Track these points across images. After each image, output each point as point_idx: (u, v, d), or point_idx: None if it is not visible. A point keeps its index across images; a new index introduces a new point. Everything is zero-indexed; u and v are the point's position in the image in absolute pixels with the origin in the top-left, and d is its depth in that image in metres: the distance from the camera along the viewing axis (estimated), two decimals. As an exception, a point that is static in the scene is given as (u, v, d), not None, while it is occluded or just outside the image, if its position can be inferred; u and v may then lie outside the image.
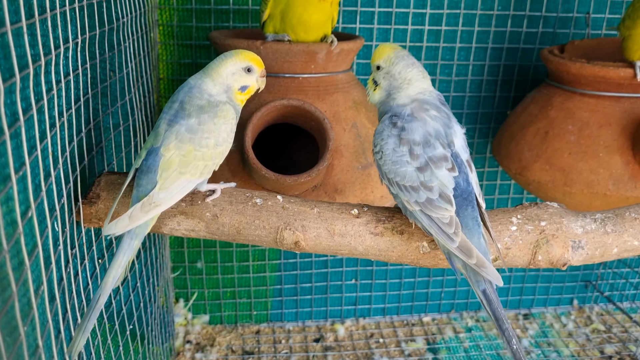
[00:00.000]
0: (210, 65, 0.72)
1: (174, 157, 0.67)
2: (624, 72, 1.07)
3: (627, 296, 1.67)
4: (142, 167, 0.68)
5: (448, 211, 0.65)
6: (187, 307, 1.51)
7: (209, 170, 0.70)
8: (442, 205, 0.65)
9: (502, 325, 0.64)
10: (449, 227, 0.64)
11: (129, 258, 0.67)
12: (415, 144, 0.67)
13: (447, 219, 0.64)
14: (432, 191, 0.65)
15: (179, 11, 1.26)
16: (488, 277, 0.64)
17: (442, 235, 0.65)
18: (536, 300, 1.66)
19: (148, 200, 0.65)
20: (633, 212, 0.75)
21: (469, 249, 0.64)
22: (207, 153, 0.68)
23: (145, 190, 0.67)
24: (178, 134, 0.67)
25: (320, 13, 1.00)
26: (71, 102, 0.66)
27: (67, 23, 0.63)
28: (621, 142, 1.07)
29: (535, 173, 1.14)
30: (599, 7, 1.39)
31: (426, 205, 0.65)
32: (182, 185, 0.67)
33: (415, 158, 0.67)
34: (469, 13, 1.34)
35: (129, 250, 0.66)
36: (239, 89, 0.72)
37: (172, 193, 0.67)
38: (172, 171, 0.66)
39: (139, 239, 0.67)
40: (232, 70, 0.72)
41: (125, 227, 0.65)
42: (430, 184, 0.66)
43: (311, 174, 0.89)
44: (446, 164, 0.67)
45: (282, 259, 1.49)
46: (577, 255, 0.72)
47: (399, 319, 1.59)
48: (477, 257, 0.64)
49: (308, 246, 0.72)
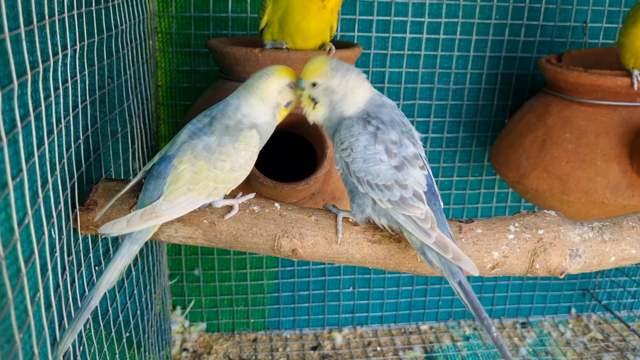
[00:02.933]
0: (254, 84, 0.71)
1: (186, 172, 0.66)
2: (621, 81, 1.08)
3: (625, 305, 1.67)
4: (153, 171, 0.68)
5: (420, 209, 0.65)
6: (184, 314, 1.50)
7: (217, 193, 0.68)
8: (415, 203, 0.65)
9: (481, 314, 0.64)
10: (425, 222, 0.65)
11: (126, 262, 0.66)
12: (392, 142, 0.67)
13: (422, 215, 0.65)
14: (407, 189, 0.66)
15: (178, 19, 1.26)
16: (466, 268, 0.64)
17: (419, 232, 0.65)
18: (534, 308, 1.66)
19: (150, 209, 0.65)
20: (630, 220, 0.75)
21: (445, 244, 0.64)
22: (220, 176, 0.67)
23: (151, 196, 0.66)
24: (195, 149, 0.67)
25: (319, 21, 1.01)
26: (69, 108, 0.66)
27: (66, 30, 0.64)
28: (618, 150, 1.07)
29: (533, 181, 1.14)
30: (596, 16, 1.39)
31: (399, 204, 0.65)
32: (187, 202, 0.66)
33: (393, 157, 0.66)
34: (467, 22, 1.35)
35: (127, 254, 0.66)
36: (285, 105, 0.73)
37: (176, 207, 0.66)
38: (180, 185, 0.66)
39: (139, 244, 0.67)
40: (279, 88, 0.71)
41: (121, 230, 0.64)
42: (405, 182, 0.66)
43: (309, 181, 0.89)
44: (418, 162, 0.68)
45: (279, 267, 1.48)
46: (575, 263, 0.71)
47: (396, 327, 1.59)
48: (454, 250, 0.64)
49: (305, 254, 0.72)
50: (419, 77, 1.38)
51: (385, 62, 1.35)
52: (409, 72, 1.37)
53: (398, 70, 1.36)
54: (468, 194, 1.51)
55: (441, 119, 1.43)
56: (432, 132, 1.43)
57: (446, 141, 1.45)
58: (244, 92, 0.71)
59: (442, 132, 1.44)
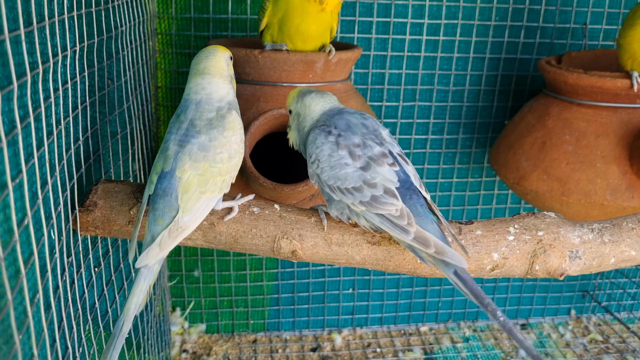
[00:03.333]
0: (207, 65, 0.73)
1: (192, 178, 0.66)
2: (621, 83, 1.08)
3: (625, 306, 1.67)
4: (157, 190, 0.66)
5: (394, 205, 0.64)
6: (184, 315, 1.50)
7: (227, 185, 0.69)
8: (388, 200, 0.64)
9: (483, 300, 0.62)
10: (401, 219, 0.63)
11: (150, 282, 0.65)
12: (355, 145, 0.68)
13: (397, 212, 0.64)
14: (377, 188, 0.65)
15: (178, 20, 1.26)
16: (451, 262, 0.63)
17: (396, 230, 0.64)
18: (534, 310, 1.66)
19: (174, 225, 0.64)
20: (630, 222, 0.75)
21: (425, 239, 0.63)
22: (223, 168, 0.68)
23: (162, 213, 0.65)
24: (191, 153, 0.66)
25: (318, 24, 1.01)
26: (69, 109, 0.66)
27: (66, 31, 0.64)
28: (618, 152, 1.07)
29: (532, 183, 1.14)
30: (596, 18, 1.39)
31: (372, 204, 0.65)
32: (204, 205, 0.67)
33: (357, 159, 0.67)
34: (467, 23, 1.35)
35: (149, 274, 0.65)
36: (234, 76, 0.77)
37: (196, 214, 0.66)
38: (192, 192, 0.65)
39: (159, 263, 0.66)
40: (226, 61, 0.75)
41: (156, 256, 0.64)
42: (373, 181, 0.65)
43: (309, 183, 0.89)
44: (387, 159, 0.67)
45: (279, 268, 1.48)
46: (575, 265, 0.71)
47: (396, 328, 1.59)
48: (435, 244, 0.63)
49: (305, 255, 0.72)
50: (419, 78, 1.38)
51: (385, 63, 1.35)
52: (409, 74, 1.37)
53: (398, 71, 1.36)
54: (468, 195, 1.51)
55: (441, 121, 1.43)
56: (431, 133, 1.43)
57: (446, 142, 1.45)
58: (202, 79, 0.72)
59: (442, 134, 1.44)
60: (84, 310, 0.71)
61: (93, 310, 0.75)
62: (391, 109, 1.40)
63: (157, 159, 0.69)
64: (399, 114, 1.40)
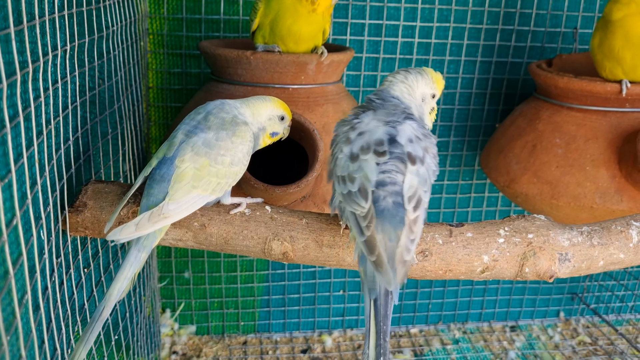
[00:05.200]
0: (251, 101, 0.75)
1: (188, 170, 0.66)
2: (611, 87, 1.09)
3: (613, 309, 1.68)
4: (155, 175, 0.67)
5: (361, 207, 0.61)
6: (174, 317, 1.50)
7: (220, 189, 0.69)
8: (358, 200, 0.62)
9: (380, 339, 0.60)
10: (363, 219, 0.61)
11: (135, 270, 0.65)
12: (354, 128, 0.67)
13: (363, 213, 0.61)
14: (354, 183, 0.63)
15: (170, 20, 1.26)
16: (381, 277, 0.59)
17: (355, 228, 0.62)
18: (523, 312, 1.67)
19: (157, 210, 0.64)
20: (619, 225, 0.75)
21: (374, 245, 0.60)
22: (222, 170, 0.68)
23: (156, 199, 0.65)
24: (194, 146, 0.67)
25: (310, 25, 1.01)
26: (59, 109, 0.66)
27: (56, 30, 0.63)
28: (607, 155, 1.08)
29: (523, 186, 1.14)
30: (587, 22, 1.41)
31: (346, 198, 0.63)
32: (193, 200, 0.66)
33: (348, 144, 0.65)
34: (459, 26, 1.36)
35: (135, 262, 0.65)
36: (271, 134, 0.77)
37: (183, 207, 0.65)
38: (184, 183, 0.65)
39: (147, 251, 0.66)
40: (269, 114, 0.76)
41: (130, 234, 0.63)
42: (354, 175, 0.63)
43: (300, 184, 0.89)
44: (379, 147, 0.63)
45: (270, 270, 1.48)
46: (564, 267, 0.72)
47: (386, 330, 1.59)
48: (379, 255, 0.59)
49: (296, 257, 0.72)
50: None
51: (377, 65, 1.36)
52: (401, 76, 1.37)
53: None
54: (458, 197, 1.52)
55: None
56: (423, 135, 1.44)
57: (437, 145, 1.45)
58: (241, 101, 0.75)
59: (433, 136, 1.44)
60: (73, 311, 0.71)
61: (82, 311, 0.75)
62: (383, 111, 1.40)
63: (162, 145, 0.70)
64: (390, 116, 1.40)
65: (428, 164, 0.66)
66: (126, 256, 0.65)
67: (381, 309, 0.60)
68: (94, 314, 0.63)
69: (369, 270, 0.61)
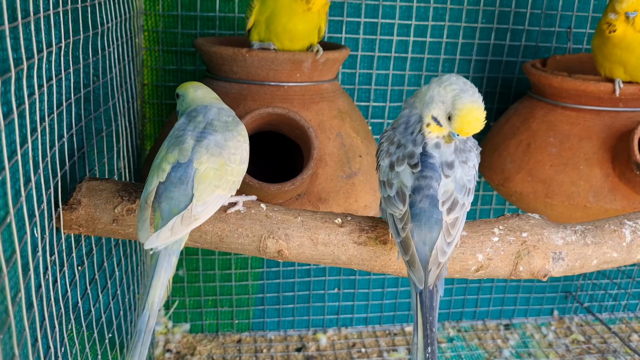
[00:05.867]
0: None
1: (209, 170, 0.67)
2: (604, 86, 1.09)
3: (606, 307, 1.69)
4: (172, 179, 0.66)
5: (399, 209, 0.66)
6: (168, 315, 1.49)
7: (234, 187, 0.70)
8: (396, 203, 0.66)
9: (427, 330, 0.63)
10: (400, 221, 0.66)
11: (169, 276, 0.66)
12: (392, 143, 0.70)
13: (400, 215, 0.66)
14: (392, 188, 0.68)
15: (165, 17, 1.25)
16: (412, 276, 0.64)
17: (393, 228, 0.66)
18: (517, 310, 1.67)
19: (187, 213, 0.65)
20: (612, 224, 0.76)
21: (408, 246, 0.64)
22: (235, 169, 0.70)
23: (179, 202, 0.66)
24: (208, 147, 0.68)
25: (306, 23, 1.01)
26: (53, 106, 0.66)
27: (51, 27, 0.63)
28: (601, 154, 1.09)
29: (517, 184, 1.15)
30: (581, 22, 1.41)
31: (386, 201, 0.68)
32: (215, 200, 0.67)
33: (388, 156, 0.70)
34: (454, 25, 1.36)
35: (168, 267, 0.66)
36: None
37: (209, 207, 0.67)
38: (207, 184, 0.66)
39: (176, 255, 0.67)
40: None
41: (167, 239, 0.64)
42: (392, 181, 0.68)
43: (295, 182, 0.89)
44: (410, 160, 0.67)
45: (264, 268, 1.48)
46: (558, 266, 0.72)
47: (381, 328, 1.59)
48: (412, 255, 0.64)
49: (291, 255, 0.72)
50: (406, 79, 1.38)
51: (372, 64, 1.36)
52: (396, 75, 1.38)
53: (385, 72, 1.37)
54: (453, 196, 1.52)
55: (427, 122, 1.43)
56: (418, 134, 1.44)
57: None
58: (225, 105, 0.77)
59: (428, 135, 1.45)
60: (67, 309, 0.71)
61: (76, 309, 0.75)
62: (378, 110, 1.40)
63: (168, 150, 0.69)
64: (385, 115, 1.41)
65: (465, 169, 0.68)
66: (158, 263, 0.65)
67: (426, 301, 0.64)
68: (139, 324, 0.63)
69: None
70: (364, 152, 1.04)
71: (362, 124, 1.11)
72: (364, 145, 1.05)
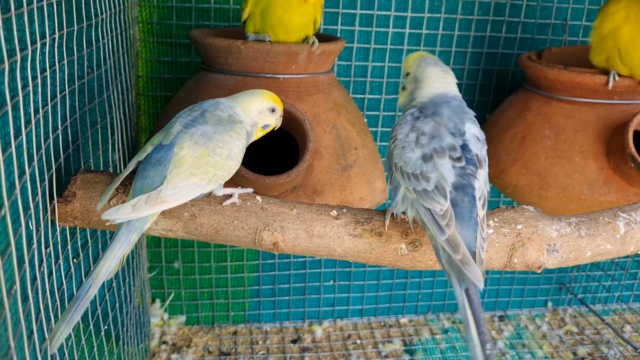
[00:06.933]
0: (241, 98, 0.76)
1: (188, 157, 0.67)
2: (599, 79, 1.09)
3: (600, 299, 1.70)
4: (151, 159, 0.67)
5: (440, 204, 0.64)
6: (164, 307, 1.49)
7: (216, 180, 0.69)
8: (436, 197, 0.65)
9: (481, 327, 0.62)
10: (442, 218, 0.64)
11: (124, 251, 0.65)
12: (423, 134, 0.69)
13: (441, 212, 0.64)
14: (429, 182, 0.65)
15: (159, 9, 1.24)
16: (470, 275, 0.63)
17: (434, 226, 0.64)
18: (511, 302, 1.68)
19: (155, 194, 0.64)
20: (606, 216, 0.76)
21: (457, 244, 0.63)
22: (219, 162, 0.69)
23: (152, 182, 0.66)
24: (193, 136, 0.68)
25: (301, 15, 1.00)
26: (47, 98, 0.65)
27: (45, 18, 0.62)
28: (596, 147, 1.09)
29: (512, 177, 1.15)
30: (576, 14, 1.41)
31: (422, 195, 0.65)
32: (190, 188, 0.67)
33: (419, 147, 0.68)
34: (450, 17, 1.36)
35: (126, 242, 0.65)
36: (262, 126, 0.78)
37: (180, 192, 0.66)
38: (183, 169, 0.66)
39: (138, 232, 0.66)
40: (259, 109, 0.77)
41: (126, 215, 0.63)
42: (429, 174, 0.66)
43: (291, 174, 0.89)
44: (452, 152, 0.67)
45: (260, 260, 1.48)
46: (552, 258, 0.73)
47: (376, 320, 1.60)
48: (464, 253, 0.63)
49: (287, 247, 0.72)
50: (402, 71, 1.38)
51: (368, 56, 1.35)
52: (392, 67, 1.37)
53: (381, 64, 1.37)
54: (448, 188, 1.52)
55: (423, 114, 1.43)
56: (413, 126, 1.44)
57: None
58: (232, 99, 0.76)
59: (424, 127, 1.45)
60: (62, 301, 0.71)
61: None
62: (374, 102, 1.40)
63: (157, 134, 0.70)
64: (381, 107, 1.40)
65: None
66: (116, 235, 0.65)
67: (474, 298, 0.63)
68: (79, 291, 0.62)
69: (455, 263, 0.64)
70: (359, 145, 1.04)
71: (358, 116, 1.11)
72: (359, 138, 1.05)
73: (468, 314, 0.63)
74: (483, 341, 0.62)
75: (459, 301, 0.64)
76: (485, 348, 0.62)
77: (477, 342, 0.62)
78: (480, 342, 0.62)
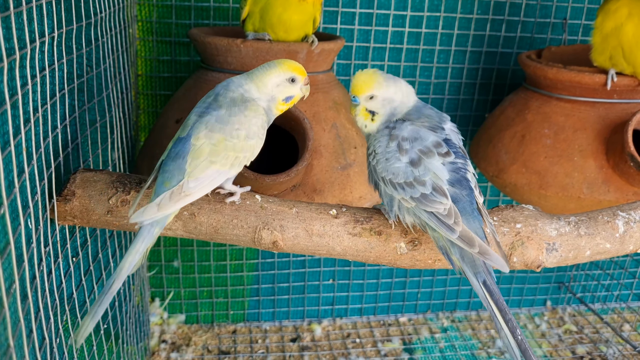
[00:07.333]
0: (255, 73, 0.72)
1: (205, 146, 0.66)
2: (599, 78, 1.09)
3: (599, 298, 1.71)
4: (170, 154, 0.67)
5: (443, 204, 0.64)
6: (163, 306, 1.49)
7: (239, 163, 0.68)
8: (437, 199, 0.64)
9: (506, 315, 0.62)
10: (448, 218, 0.63)
11: (148, 245, 0.65)
12: (404, 139, 0.68)
13: (445, 211, 0.64)
14: (425, 186, 0.65)
15: (159, 7, 1.24)
16: (493, 264, 0.63)
17: (442, 227, 0.64)
18: (511, 301, 1.68)
19: (178, 189, 0.64)
20: (605, 215, 0.76)
21: (471, 238, 0.63)
22: (238, 144, 0.67)
23: (171, 176, 0.65)
24: (208, 123, 0.67)
25: (301, 14, 1.00)
26: (47, 97, 0.65)
27: (44, 17, 0.62)
28: (595, 146, 1.09)
29: (511, 176, 1.15)
30: (576, 13, 1.41)
31: (422, 201, 0.65)
32: (212, 177, 0.66)
33: (404, 153, 0.67)
34: (449, 16, 1.36)
35: (148, 237, 0.64)
36: (284, 99, 0.73)
37: (203, 184, 0.65)
38: (202, 160, 0.65)
39: (160, 226, 0.65)
40: (276, 81, 0.72)
41: (153, 215, 0.63)
42: (423, 178, 0.65)
43: (290, 173, 0.89)
44: (439, 149, 0.67)
45: (259, 259, 1.48)
46: (551, 257, 0.73)
47: (375, 319, 1.60)
48: (480, 245, 0.63)
49: (286, 246, 0.72)
50: (401, 70, 1.38)
51: (367, 55, 1.35)
52: (391, 66, 1.37)
53: (380, 63, 1.37)
54: (448, 187, 1.52)
55: (422, 113, 1.43)
56: (413, 125, 1.44)
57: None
58: (245, 76, 0.73)
59: (423, 126, 1.45)
60: (62, 300, 0.71)
61: (71, 300, 0.75)
62: (373, 101, 1.40)
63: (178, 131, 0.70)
64: (380, 106, 1.40)
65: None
66: (140, 231, 0.64)
67: (494, 288, 0.63)
68: (104, 287, 0.62)
69: (467, 256, 0.64)
70: (359, 144, 1.04)
71: (357, 115, 1.10)
72: (359, 137, 1.05)
73: (492, 305, 0.63)
74: (512, 328, 0.62)
75: (479, 294, 0.64)
76: (516, 335, 0.62)
77: (507, 330, 0.62)
78: (510, 330, 0.62)
